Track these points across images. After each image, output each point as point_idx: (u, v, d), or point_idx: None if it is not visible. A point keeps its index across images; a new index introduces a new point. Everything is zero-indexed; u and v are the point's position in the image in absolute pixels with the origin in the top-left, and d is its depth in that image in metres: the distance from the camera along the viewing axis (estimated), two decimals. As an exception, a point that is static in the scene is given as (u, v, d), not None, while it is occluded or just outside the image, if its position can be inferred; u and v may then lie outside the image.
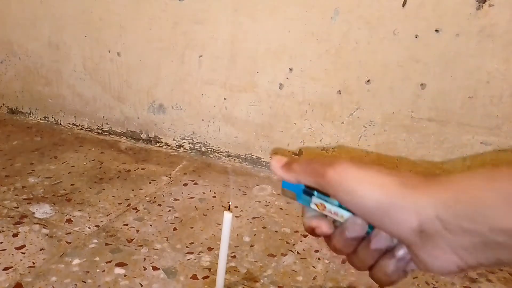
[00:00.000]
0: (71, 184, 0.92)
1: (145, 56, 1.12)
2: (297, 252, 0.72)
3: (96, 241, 0.72)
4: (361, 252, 0.37)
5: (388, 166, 0.37)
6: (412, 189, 0.33)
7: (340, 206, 0.38)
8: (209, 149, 1.13)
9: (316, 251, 0.73)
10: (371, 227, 0.37)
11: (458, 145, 0.89)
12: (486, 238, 0.30)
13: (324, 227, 0.38)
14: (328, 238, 0.39)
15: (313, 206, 0.40)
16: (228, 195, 0.92)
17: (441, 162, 0.91)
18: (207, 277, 0.64)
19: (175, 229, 0.77)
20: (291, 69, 0.98)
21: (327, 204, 0.39)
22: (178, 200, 0.88)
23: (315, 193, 0.40)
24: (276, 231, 0.78)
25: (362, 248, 0.37)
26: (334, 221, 0.39)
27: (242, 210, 0.85)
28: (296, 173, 0.39)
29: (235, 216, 0.82)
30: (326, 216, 0.39)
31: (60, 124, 1.30)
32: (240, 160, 1.10)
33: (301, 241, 0.76)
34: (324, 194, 0.39)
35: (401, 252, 0.36)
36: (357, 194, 0.35)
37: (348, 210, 0.38)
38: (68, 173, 0.98)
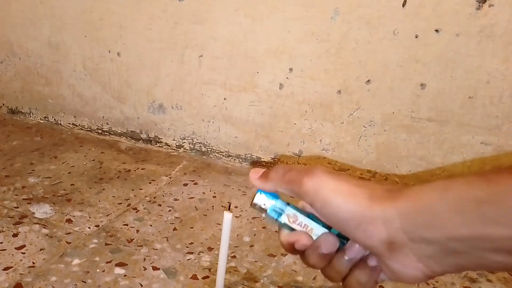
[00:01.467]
0: (71, 184, 0.92)
1: (145, 56, 1.12)
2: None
3: (96, 241, 0.72)
4: (336, 263, 0.38)
5: (359, 176, 0.38)
6: (379, 201, 0.34)
7: (312, 219, 0.39)
8: (209, 149, 1.13)
9: (316, 251, 0.73)
10: (343, 240, 0.38)
11: (458, 145, 0.89)
12: (445, 246, 0.32)
13: (304, 240, 0.39)
14: (302, 255, 0.40)
15: (284, 218, 0.40)
16: (228, 195, 0.92)
17: (441, 162, 0.91)
18: (207, 277, 0.64)
19: (175, 229, 0.77)
20: (291, 69, 0.98)
21: (299, 216, 0.40)
22: (178, 200, 0.88)
23: (289, 205, 0.41)
24: (276, 231, 0.78)
25: (336, 259, 0.38)
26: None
27: (242, 210, 0.85)
28: (273, 181, 0.40)
29: (235, 216, 0.83)
30: (295, 230, 0.40)
31: (60, 124, 1.30)
32: (240, 160, 1.10)
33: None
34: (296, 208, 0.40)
35: (373, 262, 0.37)
36: (331, 204, 0.36)
37: (320, 223, 0.39)
38: (68, 173, 0.98)
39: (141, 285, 0.61)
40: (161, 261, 0.67)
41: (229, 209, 0.49)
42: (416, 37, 0.85)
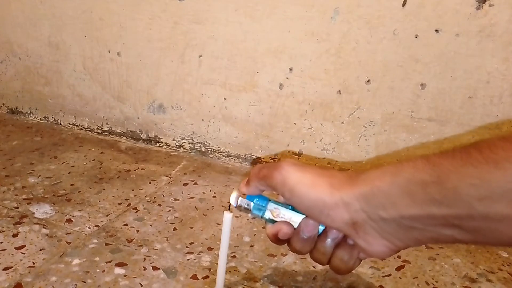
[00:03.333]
0: (71, 184, 0.92)
1: (145, 56, 1.12)
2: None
3: (96, 241, 0.72)
4: (320, 246, 0.42)
5: (323, 166, 0.42)
6: (339, 188, 0.39)
7: (293, 210, 0.43)
8: (209, 149, 1.13)
9: (316, 251, 0.73)
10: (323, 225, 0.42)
11: (458, 145, 0.88)
12: (401, 223, 0.36)
13: (285, 228, 0.43)
14: (289, 243, 0.44)
15: (268, 213, 0.45)
16: (228, 195, 0.92)
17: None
18: (207, 277, 0.64)
19: (175, 229, 0.77)
20: (291, 69, 0.98)
21: (281, 209, 0.44)
22: (178, 200, 0.88)
23: (271, 200, 0.45)
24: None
25: (320, 242, 0.42)
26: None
27: (242, 210, 0.85)
28: (253, 182, 0.45)
29: (235, 216, 0.83)
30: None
31: (60, 124, 1.30)
32: (240, 160, 1.10)
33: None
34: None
35: (351, 241, 0.41)
36: (296, 194, 0.40)
37: (300, 212, 0.43)
38: (68, 173, 0.98)
39: (141, 285, 0.61)
40: (161, 261, 0.67)
41: (229, 209, 0.49)
42: (416, 37, 0.85)
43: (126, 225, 0.77)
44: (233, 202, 0.46)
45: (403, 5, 0.85)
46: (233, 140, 1.09)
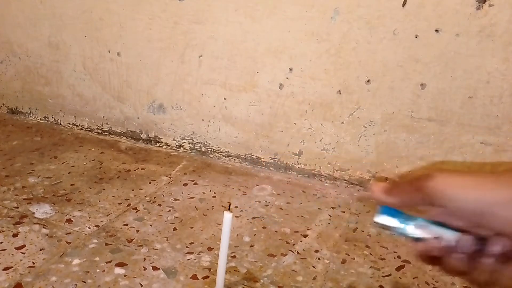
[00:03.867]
0: (71, 184, 0.92)
1: (145, 56, 1.12)
2: (297, 252, 0.72)
3: (96, 241, 0.72)
4: (481, 264, 0.37)
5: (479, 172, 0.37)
6: (508, 183, 0.34)
7: (442, 226, 0.38)
8: (209, 149, 1.13)
9: (316, 251, 0.73)
10: (480, 242, 0.37)
11: (458, 145, 0.89)
12: None
13: (435, 244, 0.38)
14: (441, 263, 0.39)
15: (413, 230, 0.39)
16: (228, 195, 0.92)
17: (441, 162, 0.91)
18: (207, 277, 0.64)
19: (175, 229, 0.77)
20: (291, 69, 0.98)
21: (427, 226, 0.39)
22: (178, 200, 0.88)
23: (414, 217, 0.40)
24: (276, 231, 0.78)
25: (480, 261, 0.37)
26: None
27: (242, 210, 0.85)
28: (398, 194, 0.40)
29: (235, 216, 0.82)
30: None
31: (60, 124, 1.30)
32: (240, 160, 1.10)
33: (301, 241, 0.76)
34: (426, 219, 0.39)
35: None
36: (458, 198, 0.35)
37: (450, 229, 0.38)
38: (68, 173, 0.98)
39: (141, 285, 0.61)
40: (161, 261, 0.67)
41: (229, 209, 0.49)
42: (416, 37, 0.85)
43: (126, 225, 0.77)
44: (381, 220, 0.41)
45: (403, 5, 0.85)
46: (233, 140, 1.09)
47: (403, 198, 0.39)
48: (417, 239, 0.40)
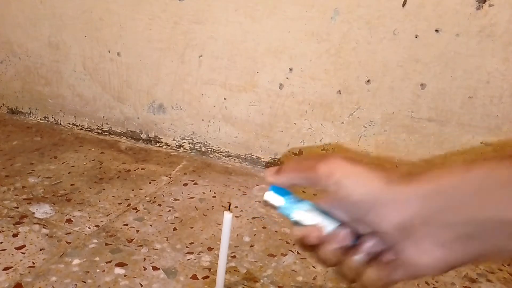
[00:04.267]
0: (71, 184, 0.92)
1: (145, 56, 1.12)
2: (297, 252, 0.72)
3: (96, 241, 0.72)
4: (350, 260, 0.37)
5: (377, 165, 0.37)
6: (397, 183, 0.33)
7: (326, 215, 0.38)
8: (209, 149, 1.13)
9: (316, 251, 0.73)
10: (355, 238, 0.37)
11: (458, 145, 0.89)
12: (462, 230, 0.31)
13: (315, 233, 0.38)
14: (315, 250, 0.39)
15: (296, 214, 0.40)
16: (228, 195, 0.92)
17: (441, 162, 0.91)
18: (207, 277, 0.64)
19: (175, 229, 0.77)
20: (291, 69, 0.98)
21: (311, 212, 0.39)
22: (178, 200, 0.88)
23: (301, 201, 0.40)
24: (276, 231, 0.78)
25: (350, 256, 0.37)
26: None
27: (242, 210, 0.85)
28: (288, 173, 0.40)
29: (235, 216, 0.82)
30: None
31: (60, 124, 1.30)
32: (240, 160, 1.10)
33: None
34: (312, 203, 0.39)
35: (388, 257, 0.36)
36: (345, 187, 0.35)
37: (333, 219, 0.38)
38: (68, 173, 0.98)
39: (141, 285, 0.61)
40: (161, 261, 0.67)
41: (229, 209, 0.49)
42: (416, 37, 0.85)
43: (126, 225, 0.77)
44: (269, 198, 0.41)
45: (403, 5, 0.85)
46: (233, 140, 1.09)
47: (291, 176, 0.39)
48: (298, 223, 0.40)
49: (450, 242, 0.32)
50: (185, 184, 0.96)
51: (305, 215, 0.39)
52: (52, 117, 1.31)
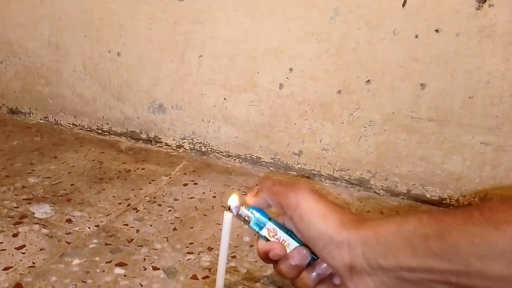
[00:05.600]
0: (71, 184, 0.92)
1: (145, 56, 1.12)
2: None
3: (96, 241, 0.72)
4: (305, 277, 0.43)
5: (337, 203, 0.45)
6: (348, 228, 0.39)
7: (290, 235, 0.44)
8: (209, 149, 1.13)
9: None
10: (314, 257, 0.43)
11: (458, 145, 0.89)
12: (399, 274, 0.36)
13: (277, 249, 0.44)
14: (275, 264, 0.45)
15: (265, 231, 0.45)
16: (228, 195, 0.92)
17: (441, 162, 0.91)
18: (207, 277, 0.64)
19: (175, 229, 0.77)
20: (291, 69, 0.98)
21: (278, 231, 0.45)
22: (178, 200, 0.88)
23: (271, 220, 0.46)
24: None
25: (306, 273, 0.43)
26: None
27: (242, 210, 0.85)
28: (263, 193, 0.46)
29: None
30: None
31: (60, 124, 1.30)
32: (240, 160, 1.10)
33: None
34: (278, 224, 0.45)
35: (337, 281, 0.41)
36: (306, 222, 0.40)
37: (297, 240, 0.43)
38: (68, 173, 0.98)
39: (141, 285, 0.61)
40: (161, 261, 0.67)
41: (229, 209, 0.49)
42: (416, 37, 0.85)
43: (126, 225, 0.77)
44: (233, 209, 0.47)
45: (403, 5, 0.85)
46: (233, 140, 1.09)
47: (266, 198, 0.45)
48: (264, 238, 0.46)
49: (385, 284, 0.37)
50: (185, 184, 0.96)
51: (274, 233, 0.45)
52: (52, 117, 1.31)
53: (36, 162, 1.02)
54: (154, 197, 0.88)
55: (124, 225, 0.77)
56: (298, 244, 0.43)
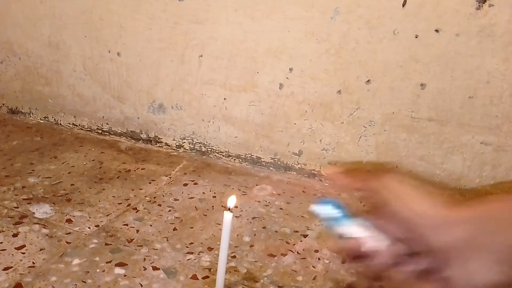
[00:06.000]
0: (71, 184, 0.92)
1: (145, 56, 1.12)
2: (297, 252, 0.72)
3: (96, 241, 0.72)
4: (398, 274, 0.38)
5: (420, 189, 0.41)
6: (450, 207, 0.36)
7: (369, 230, 0.40)
8: (209, 149, 1.13)
9: (316, 251, 0.73)
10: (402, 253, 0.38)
11: (458, 145, 0.89)
12: (507, 253, 0.33)
13: (369, 244, 0.39)
14: (359, 262, 0.41)
15: (348, 229, 0.41)
16: (228, 195, 0.92)
17: (441, 161, 0.91)
18: (207, 277, 0.64)
19: (175, 229, 0.77)
20: (291, 69, 0.98)
21: (365, 228, 0.40)
22: (178, 200, 0.88)
23: (348, 215, 0.41)
24: (276, 231, 0.78)
25: (397, 271, 0.38)
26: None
27: (242, 210, 0.85)
28: (351, 179, 0.42)
29: (235, 216, 0.82)
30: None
31: (60, 124, 1.30)
32: (240, 160, 1.10)
33: (301, 241, 0.76)
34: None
35: (434, 275, 0.37)
36: (401, 201, 0.37)
37: (380, 235, 0.39)
38: (68, 173, 0.98)
39: (141, 285, 0.61)
40: (161, 261, 0.67)
41: (229, 209, 0.49)
42: (416, 37, 0.85)
43: (126, 225, 0.77)
44: (318, 209, 0.43)
45: (403, 5, 0.85)
46: (233, 140, 1.09)
47: (354, 183, 0.42)
48: (347, 236, 0.41)
49: (495, 264, 0.34)
50: (185, 184, 0.96)
51: (354, 229, 0.41)
52: (52, 117, 1.31)
53: (36, 162, 1.02)
54: (154, 197, 0.88)
55: (124, 225, 0.77)
56: (383, 240, 0.39)
